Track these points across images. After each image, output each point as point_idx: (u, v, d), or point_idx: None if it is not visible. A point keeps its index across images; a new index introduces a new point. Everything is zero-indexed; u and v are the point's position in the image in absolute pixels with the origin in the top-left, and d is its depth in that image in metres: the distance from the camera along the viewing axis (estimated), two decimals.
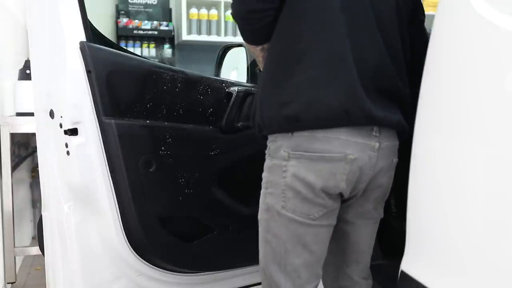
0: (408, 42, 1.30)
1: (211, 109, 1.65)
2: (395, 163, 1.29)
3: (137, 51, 4.09)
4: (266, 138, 1.26)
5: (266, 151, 1.25)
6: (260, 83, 1.28)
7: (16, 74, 2.43)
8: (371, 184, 1.23)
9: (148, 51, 4.20)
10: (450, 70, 0.93)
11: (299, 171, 1.16)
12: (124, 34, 4.16)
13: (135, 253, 1.52)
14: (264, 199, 1.24)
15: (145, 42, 4.22)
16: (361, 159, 1.16)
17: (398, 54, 1.25)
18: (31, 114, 1.59)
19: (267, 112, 1.20)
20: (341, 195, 1.21)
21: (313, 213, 1.18)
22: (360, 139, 1.16)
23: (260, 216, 1.26)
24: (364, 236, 1.34)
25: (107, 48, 1.46)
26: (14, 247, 2.33)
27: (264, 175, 1.25)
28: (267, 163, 1.24)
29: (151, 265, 1.57)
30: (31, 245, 2.88)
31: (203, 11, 4.19)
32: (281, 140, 1.19)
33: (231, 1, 1.24)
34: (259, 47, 1.34)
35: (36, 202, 3.22)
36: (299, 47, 1.17)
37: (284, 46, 1.20)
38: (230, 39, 4.13)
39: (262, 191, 1.25)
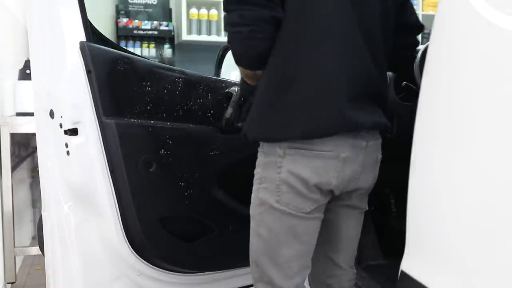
0: (391, 42, 1.38)
1: (211, 109, 1.65)
2: (380, 159, 1.36)
3: (137, 51, 4.09)
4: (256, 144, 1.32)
5: (259, 149, 1.30)
6: (256, 102, 1.30)
7: (16, 74, 2.43)
8: (359, 181, 1.31)
9: (148, 51, 4.19)
10: (450, 71, 0.93)
11: (295, 167, 1.21)
12: (124, 34, 4.15)
13: (135, 253, 1.52)
14: (257, 194, 1.29)
15: (145, 42, 4.21)
16: (351, 158, 1.24)
17: (381, 61, 1.32)
18: (31, 114, 1.59)
19: (262, 130, 1.26)
20: (332, 192, 1.27)
21: (305, 208, 1.24)
22: (350, 139, 1.24)
23: (253, 211, 1.31)
24: (352, 225, 1.42)
25: (107, 48, 1.46)
26: (14, 247, 2.33)
27: (257, 171, 1.30)
28: (261, 160, 1.29)
29: (151, 265, 1.57)
30: (31, 245, 2.88)
31: (203, 11, 4.19)
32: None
33: (230, 43, 1.27)
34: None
35: (36, 202, 3.22)
36: (291, 70, 1.22)
37: (277, 68, 1.24)
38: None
39: (255, 187, 1.30)
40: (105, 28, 4.01)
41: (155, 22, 4.18)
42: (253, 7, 1.18)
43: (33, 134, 1.55)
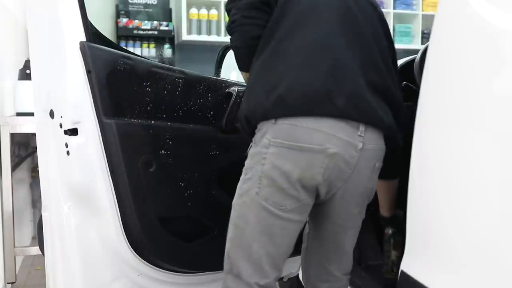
0: (393, 48, 1.36)
1: (211, 109, 1.65)
2: (378, 167, 1.27)
3: (137, 51, 4.09)
4: (253, 135, 1.28)
5: (253, 139, 1.27)
6: (248, 81, 1.35)
7: (16, 74, 2.43)
8: (350, 185, 1.23)
9: (148, 51, 4.20)
10: (450, 70, 0.93)
11: (277, 160, 1.17)
12: (124, 34, 4.16)
13: (135, 253, 1.51)
14: (242, 185, 1.26)
15: (145, 42, 4.22)
16: (340, 155, 1.17)
17: (386, 53, 1.29)
18: (31, 114, 1.59)
19: (253, 101, 1.25)
20: (317, 191, 1.21)
21: (285, 205, 1.20)
22: (343, 135, 1.16)
23: (235, 201, 1.28)
24: (348, 237, 1.36)
25: (107, 48, 1.46)
26: (14, 247, 2.33)
27: (246, 161, 1.27)
28: (251, 150, 1.26)
29: (151, 265, 1.57)
30: (31, 245, 2.88)
31: (203, 11, 4.19)
32: (265, 128, 1.20)
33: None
34: None
35: (36, 202, 3.22)
36: (283, 42, 1.23)
37: (268, 43, 1.26)
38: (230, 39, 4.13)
39: (242, 177, 1.27)
40: (105, 28, 4.02)
41: (155, 22, 4.19)
42: None
43: (33, 134, 1.55)
